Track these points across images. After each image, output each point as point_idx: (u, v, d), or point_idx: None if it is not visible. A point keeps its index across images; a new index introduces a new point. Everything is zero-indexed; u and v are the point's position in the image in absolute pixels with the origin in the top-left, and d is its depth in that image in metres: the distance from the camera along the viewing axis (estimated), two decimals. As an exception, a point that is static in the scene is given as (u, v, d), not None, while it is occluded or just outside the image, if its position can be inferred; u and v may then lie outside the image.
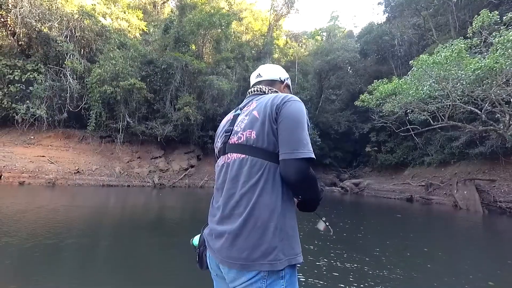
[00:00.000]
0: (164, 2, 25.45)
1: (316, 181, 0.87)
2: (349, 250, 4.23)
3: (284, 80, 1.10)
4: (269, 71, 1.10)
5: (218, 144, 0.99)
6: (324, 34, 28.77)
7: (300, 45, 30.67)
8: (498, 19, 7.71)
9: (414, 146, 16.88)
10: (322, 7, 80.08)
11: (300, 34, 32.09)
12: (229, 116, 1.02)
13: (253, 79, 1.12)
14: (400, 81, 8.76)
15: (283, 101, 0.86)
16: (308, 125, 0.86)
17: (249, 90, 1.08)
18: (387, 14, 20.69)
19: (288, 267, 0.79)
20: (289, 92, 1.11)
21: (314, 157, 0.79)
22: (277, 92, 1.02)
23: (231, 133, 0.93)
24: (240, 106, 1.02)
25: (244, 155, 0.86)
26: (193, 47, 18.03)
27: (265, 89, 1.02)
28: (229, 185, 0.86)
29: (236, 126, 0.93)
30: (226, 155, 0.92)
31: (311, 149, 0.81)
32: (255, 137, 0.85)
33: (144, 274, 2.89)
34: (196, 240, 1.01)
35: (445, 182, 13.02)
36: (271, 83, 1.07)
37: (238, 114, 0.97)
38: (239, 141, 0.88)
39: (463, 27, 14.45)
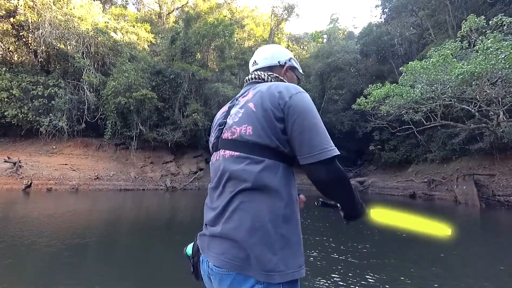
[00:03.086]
0: (169, 13, 26.57)
1: (348, 179, 0.76)
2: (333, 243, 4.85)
3: (285, 62, 0.97)
4: (266, 56, 0.97)
5: (212, 138, 0.91)
6: (325, 36, 29.28)
7: (301, 47, 31.24)
8: (485, 23, 8.17)
9: (417, 143, 17.18)
10: (322, 9, 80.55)
11: (301, 36, 32.66)
12: (225, 107, 0.93)
13: (250, 67, 1.01)
14: (392, 86, 9.33)
15: (286, 96, 0.76)
16: None
17: (247, 78, 0.97)
18: (385, 15, 21.09)
19: (288, 283, 0.69)
20: (293, 76, 1.00)
21: (339, 152, 0.73)
22: (277, 77, 0.92)
23: (224, 126, 0.84)
24: (237, 96, 0.92)
25: (238, 152, 0.77)
26: (198, 55, 18.95)
27: (264, 75, 0.92)
28: (225, 184, 0.77)
29: (229, 119, 0.84)
30: (219, 152, 0.83)
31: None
32: (251, 132, 0.75)
33: (161, 271, 3.12)
34: (189, 249, 0.91)
35: (446, 178, 13.34)
36: (270, 69, 0.96)
37: (233, 105, 0.87)
38: (233, 136, 0.79)
39: (460, 26, 14.77)
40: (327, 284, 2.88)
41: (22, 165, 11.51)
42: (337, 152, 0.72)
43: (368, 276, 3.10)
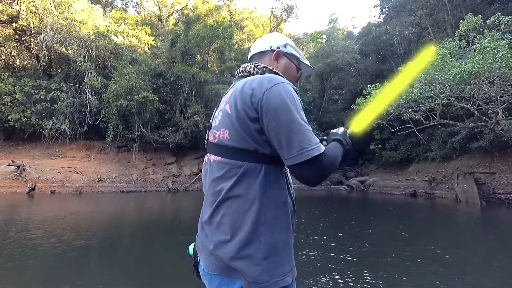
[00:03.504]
0: (169, 16, 26.74)
1: (335, 159, 0.74)
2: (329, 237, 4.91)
3: (277, 48, 0.88)
4: (259, 42, 0.92)
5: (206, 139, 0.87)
6: (324, 36, 29.36)
7: (301, 47, 31.31)
8: (482, 23, 8.21)
9: (417, 142, 17.18)
10: (321, 9, 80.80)
11: (301, 37, 32.72)
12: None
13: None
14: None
15: (259, 93, 0.69)
16: (301, 105, 0.71)
17: (236, 71, 0.91)
18: (383, 15, 21.15)
19: None
20: (289, 64, 0.90)
21: (323, 150, 0.68)
22: (265, 68, 0.85)
23: (211, 129, 0.82)
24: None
25: (220, 157, 0.75)
26: (198, 57, 19.08)
27: (251, 67, 0.85)
28: (210, 190, 0.78)
29: (213, 121, 0.82)
30: (207, 155, 0.82)
31: (317, 139, 0.69)
32: (228, 137, 0.73)
33: (164, 271, 3.20)
34: (191, 248, 0.92)
35: (447, 177, 13.37)
36: (261, 56, 0.90)
37: (218, 106, 0.84)
38: (214, 140, 0.77)
39: (459, 25, 14.82)
40: (327, 283, 2.94)
41: (25, 168, 11.64)
42: (319, 152, 0.66)
43: (367, 275, 3.17)
